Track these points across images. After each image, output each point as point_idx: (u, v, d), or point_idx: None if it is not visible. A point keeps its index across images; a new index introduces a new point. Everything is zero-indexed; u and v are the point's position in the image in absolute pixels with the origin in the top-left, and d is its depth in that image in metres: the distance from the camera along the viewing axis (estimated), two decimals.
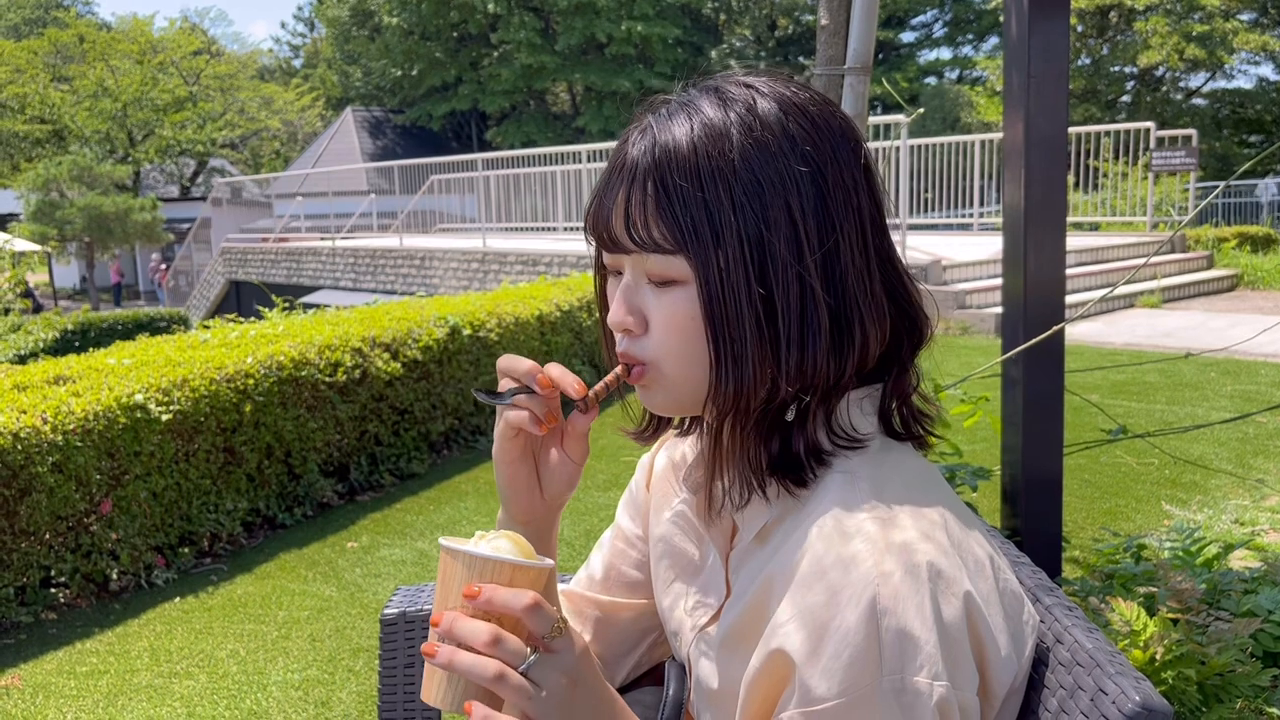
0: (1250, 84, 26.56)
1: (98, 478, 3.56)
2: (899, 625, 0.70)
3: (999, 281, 3.11)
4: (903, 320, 0.84)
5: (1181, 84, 24.46)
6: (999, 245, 2.82)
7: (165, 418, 3.73)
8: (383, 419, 4.90)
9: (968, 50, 32.38)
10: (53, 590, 3.57)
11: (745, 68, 0.88)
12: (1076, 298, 7.99)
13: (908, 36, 33.37)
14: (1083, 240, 10.55)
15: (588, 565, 1.12)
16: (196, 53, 34.27)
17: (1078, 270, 9.07)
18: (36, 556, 3.46)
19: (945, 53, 33.30)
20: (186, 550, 3.92)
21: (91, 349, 4.75)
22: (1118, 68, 23.14)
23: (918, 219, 11.65)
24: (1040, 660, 0.86)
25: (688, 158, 0.77)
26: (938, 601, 0.71)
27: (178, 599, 3.61)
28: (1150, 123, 11.56)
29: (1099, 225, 12.32)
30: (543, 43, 29.58)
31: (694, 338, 0.79)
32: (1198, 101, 24.63)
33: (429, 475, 5.03)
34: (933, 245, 9.92)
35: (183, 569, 3.88)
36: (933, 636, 0.70)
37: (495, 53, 30.79)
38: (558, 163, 14.10)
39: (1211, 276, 10.41)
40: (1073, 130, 11.24)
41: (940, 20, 32.84)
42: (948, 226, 12.43)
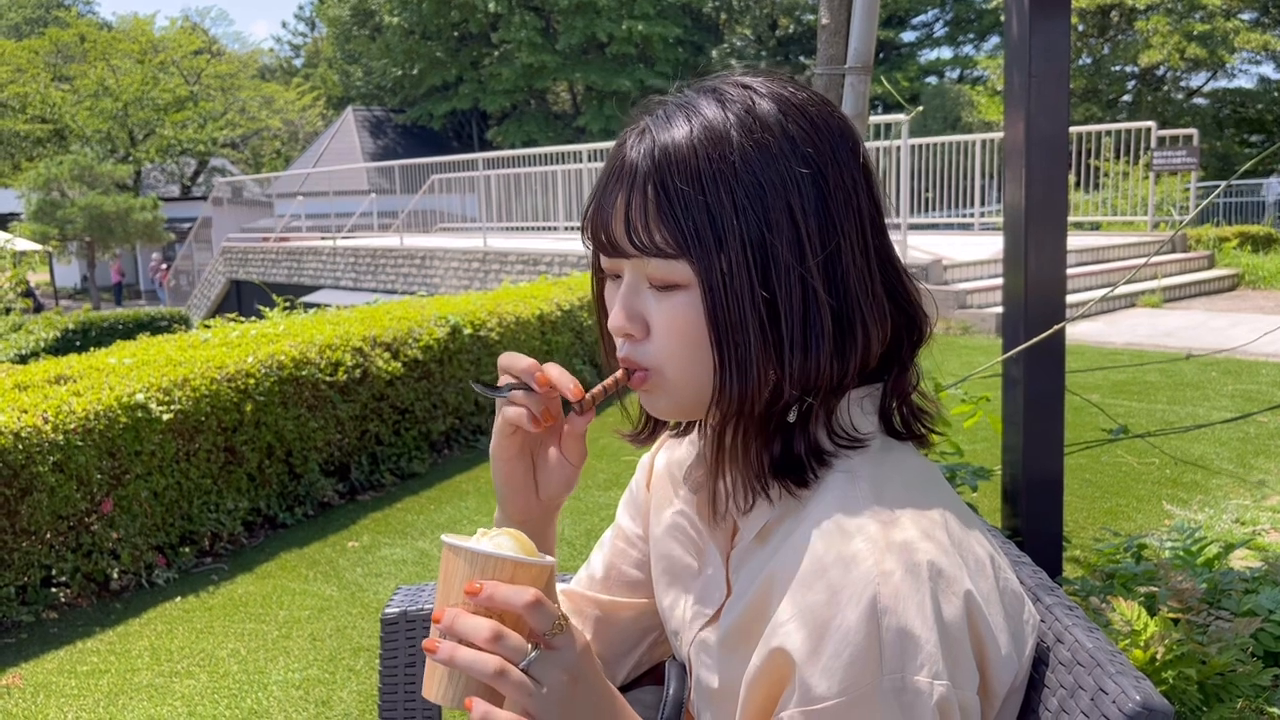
0: (1251, 83, 26.56)
1: (99, 477, 3.56)
2: (899, 624, 0.70)
3: (1000, 281, 3.10)
4: (902, 319, 0.84)
5: (1183, 83, 24.46)
6: (1000, 245, 2.81)
7: (166, 417, 3.73)
8: (383, 418, 4.90)
9: (969, 50, 32.38)
10: (54, 589, 3.57)
11: (746, 67, 0.87)
12: (1077, 297, 7.98)
13: (909, 36, 33.39)
14: (1084, 240, 10.54)
15: (588, 565, 1.12)
16: (197, 52, 34.30)
17: (1078, 270, 9.06)
18: (37, 556, 3.46)
19: (946, 52, 33.32)
20: (187, 549, 3.92)
21: (92, 348, 4.75)
22: (1119, 67, 23.13)
23: (918, 218, 11.64)
24: (1041, 659, 0.86)
25: (688, 160, 0.76)
26: (938, 600, 0.71)
27: (179, 598, 3.61)
28: (1151, 122, 11.55)
29: (1100, 225, 12.32)
30: (543, 42, 29.59)
31: (697, 342, 0.78)
32: (1199, 101, 24.62)
33: (430, 475, 5.04)
34: (933, 245, 9.92)
35: (184, 568, 3.88)
36: (933, 635, 0.70)
37: (496, 52, 30.80)
38: (558, 162, 14.10)
39: (1212, 276, 10.40)
40: (1074, 130, 11.24)
41: (941, 20, 32.84)
42: (948, 226, 12.43)
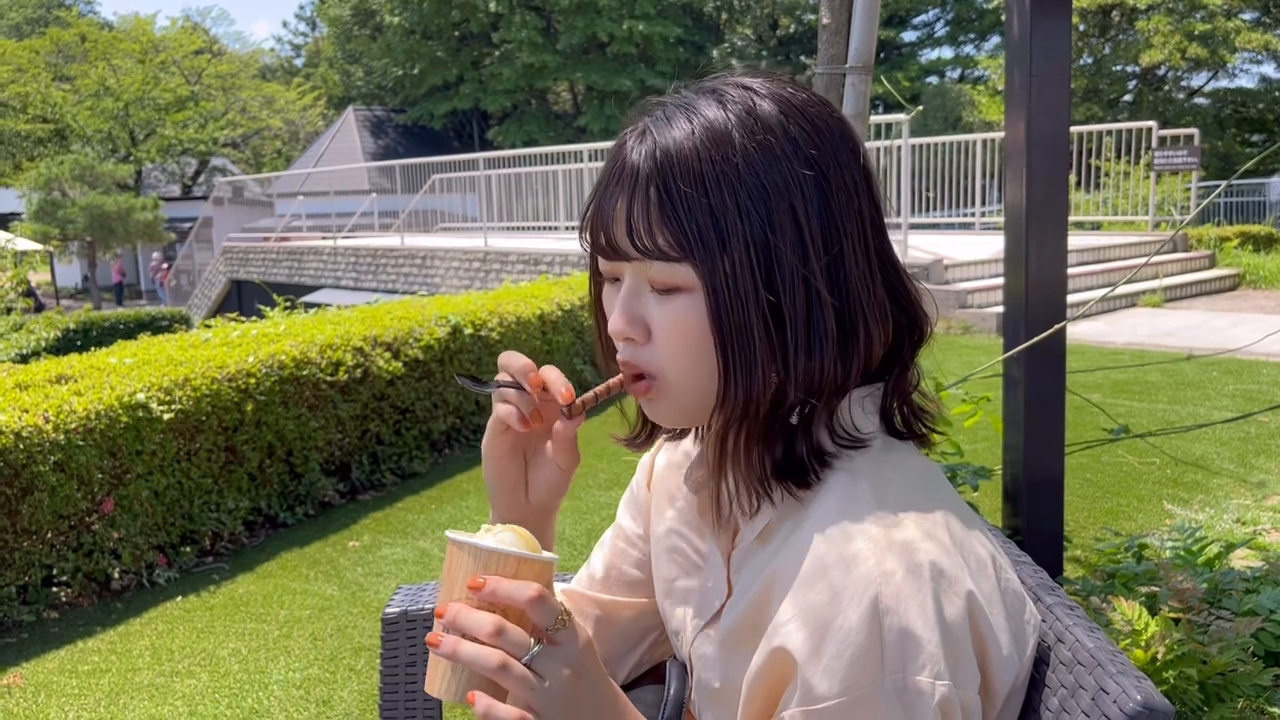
0: (1252, 83, 26.57)
1: (99, 477, 3.56)
2: (901, 624, 0.70)
3: (1000, 281, 3.11)
4: (903, 319, 0.84)
5: (1183, 83, 24.46)
6: (1000, 244, 2.81)
7: (167, 417, 3.73)
8: (384, 418, 4.90)
9: (969, 49, 32.37)
10: (54, 589, 3.57)
11: (747, 67, 0.87)
12: (1078, 297, 7.97)
13: (909, 36, 33.38)
14: (1084, 239, 10.54)
15: (589, 564, 1.12)
16: (198, 52, 34.31)
17: (1079, 269, 9.06)
18: (38, 555, 3.47)
19: (947, 52, 33.30)
20: (188, 549, 3.92)
21: (93, 348, 4.75)
22: (1120, 67, 23.12)
23: (919, 218, 11.63)
24: (1042, 659, 0.86)
25: (690, 162, 0.76)
26: (940, 600, 0.71)
27: (179, 598, 3.61)
28: (1152, 122, 11.55)
29: (1101, 224, 12.31)
30: (544, 42, 29.58)
31: (700, 346, 0.78)
32: (1200, 101, 24.62)
33: (430, 474, 5.04)
34: (934, 244, 9.91)
35: (184, 568, 3.88)
36: (935, 636, 0.70)
37: (497, 52, 30.79)
38: (559, 162, 14.10)
39: (1213, 276, 10.40)
40: (1075, 129, 11.23)
41: (942, 19, 32.83)
42: (949, 226, 12.42)
